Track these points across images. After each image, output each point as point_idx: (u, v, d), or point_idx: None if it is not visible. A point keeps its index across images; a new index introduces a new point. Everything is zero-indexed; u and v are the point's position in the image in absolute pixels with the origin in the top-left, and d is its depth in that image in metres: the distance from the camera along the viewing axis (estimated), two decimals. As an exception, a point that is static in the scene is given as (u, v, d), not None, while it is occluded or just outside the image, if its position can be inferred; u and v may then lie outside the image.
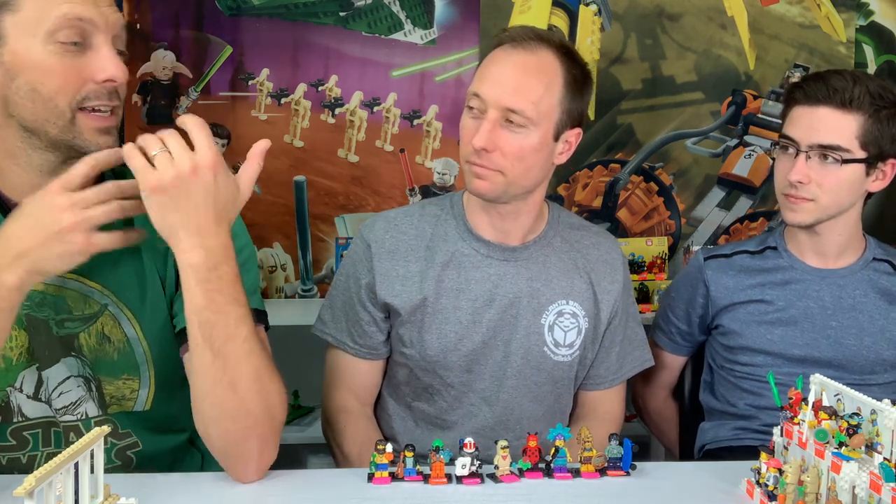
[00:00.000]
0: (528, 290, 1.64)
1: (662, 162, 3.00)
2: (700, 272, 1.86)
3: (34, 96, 1.20)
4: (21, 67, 1.19)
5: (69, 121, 1.21)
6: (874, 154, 1.68)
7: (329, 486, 1.28)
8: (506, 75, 1.52)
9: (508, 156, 1.52)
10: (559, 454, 1.31)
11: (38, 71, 1.19)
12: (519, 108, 1.50)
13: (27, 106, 1.20)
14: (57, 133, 1.22)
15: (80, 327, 1.30)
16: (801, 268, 1.79)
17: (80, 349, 1.30)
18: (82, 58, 1.21)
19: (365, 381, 1.70)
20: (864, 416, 1.15)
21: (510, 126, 1.51)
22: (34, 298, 1.27)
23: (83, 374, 1.31)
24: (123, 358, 1.32)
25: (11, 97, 1.20)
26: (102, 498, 1.00)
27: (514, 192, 1.56)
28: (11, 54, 1.18)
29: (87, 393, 1.32)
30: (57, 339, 1.29)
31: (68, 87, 1.20)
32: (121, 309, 1.31)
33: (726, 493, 1.27)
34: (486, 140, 1.50)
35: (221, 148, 2.85)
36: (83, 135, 1.23)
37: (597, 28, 2.94)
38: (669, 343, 1.94)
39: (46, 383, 1.30)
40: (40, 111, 1.20)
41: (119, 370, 1.32)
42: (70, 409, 1.32)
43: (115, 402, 1.33)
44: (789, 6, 2.98)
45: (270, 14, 2.84)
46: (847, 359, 1.75)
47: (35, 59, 1.18)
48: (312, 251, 2.93)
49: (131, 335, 1.32)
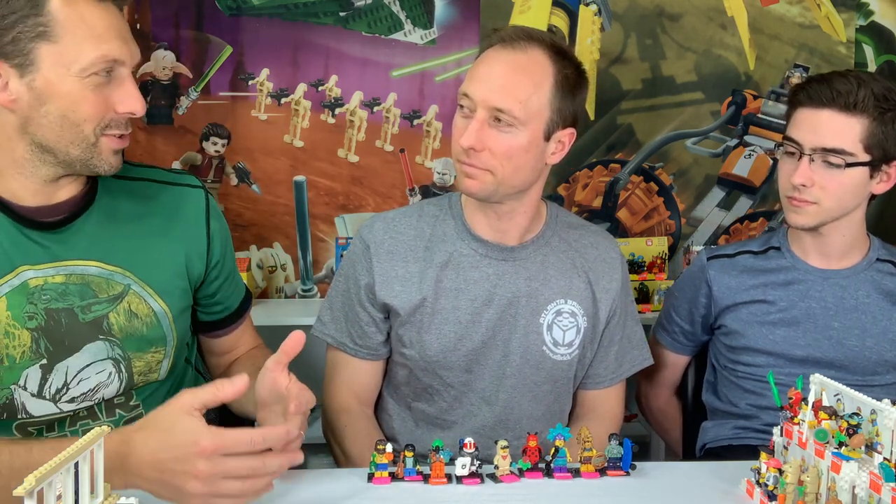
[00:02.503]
0: (526, 289, 1.64)
1: (662, 162, 3.00)
2: (703, 272, 1.86)
3: (63, 122, 1.25)
4: (52, 95, 1.23)
5: (92, 144, 1.28)
6: (878, 157, 1.67)
7: (329, 486, 1.28)
8: (493, 75, 1.52)
9: (497, 155, 1.51)
10: (559, 454, 1.31)
11: (70, 100, 1.24)
12: (506, 107, 1.49)
13: (53, 129, 1.25)
14: (79, 154, 1.28)
15: (108, 308, 1.35)
16: (804, 268, 1.79)
17: (111, 329, 1.36)
18: (108, 88, 1.27)
19: (365, 382, 1.70)
20: (864, 416, 1.15)
21: (498, 125, 1.51)
22: (56, 290, 1.32)
23: (112, 356, 1.36)
24: (152, 331, 1.40)
25: (37, 119, 1.25)
26: (102, 498, 1.00)
27: (504, 191, 1.56)
28: (44, 81, 1.23)
29: (117, 373, 1.37)
30: (84, 326, 1.34)
31: (96, 115, 1.26)
32: (143, 287, 1.38)
33: (726, 492, 1.27)
34: (473, 139, 1.50)
35: (221, 148, 2.86)
36: (102, 155, 1.29)
37: (597, 28, 2.94)
38: (672, 342, 1.94)
39: (54, 377, 1.32)
40: (66, 135, 1.26)
41: (149, 344, 1.40)
42: (88, 396, 1.35)
43: (143, 375, 1.41)
44: (789, 6, 2.98)
45: (270, 14, 2.84)
46: (849, 360, 1.74)
47: (67, 89, 1.23)
48: (312, 251, 2.93)
49: (157, 309, 1.40)
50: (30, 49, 1.21)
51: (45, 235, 1.31)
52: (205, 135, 2.85)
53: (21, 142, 1.27)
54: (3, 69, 1.22)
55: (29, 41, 1.21)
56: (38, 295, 1.30)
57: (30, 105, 1.24)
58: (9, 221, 1.29)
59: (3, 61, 1.22)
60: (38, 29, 1.20)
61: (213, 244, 1.49)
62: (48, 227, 1.31)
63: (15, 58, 1.21)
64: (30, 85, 1.22)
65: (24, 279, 1.30)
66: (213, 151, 2.86)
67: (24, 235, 1.30)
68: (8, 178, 1.29)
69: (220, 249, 1.50)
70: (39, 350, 1.31)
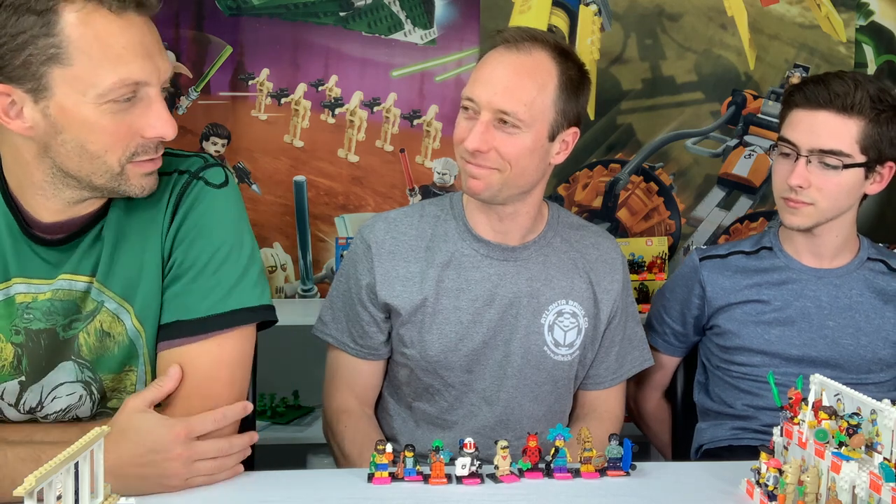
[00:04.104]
0: (527, 289, 1.64)
1: (662, 162, 3.00)
2: (696, 273, 1.86)
3: (81, 153, 1.15)
4: (68, 123, 1.13)
5: (118, 174, 1.18)
6: (874, 158, 1.68)
7: (329, 486, 1.28)
8: (498, 77, 1.52)
9: (503, 156, 1.52)
10: (559, 454, 1.31)
11: (87, 129, 1.14)
12: (511, 109, 1.50)
13: (73, 159, 1.16)
14: (104, 183, 1.19)
15: (81, 326, 1.28)
16: (798, 267, 1.79)
17: (80, 350, 1.28)
18: (133, 112, 1.16)
19: (365, 382, 1.70)
20: (864, 416, 1.15)
21: (503, 127, 1.51)
22: (41, 308, 1.25)
23: (81, 378, 1.29)
24: (124, 351, 1.30)
25: (56, 148, 1.15)
26: (102, 498, 1.00)
27: (509, 192, 1.56)
28: (58, 109, 1.13)
29: (87, 395, 1.30)
30: (62, 343, 1.28)
31: (118, 145, 1.16)
32: (119, 303, 1.28)
33: (726, 493, 1.27)
34: (479, 142, 1.50)
35: (221, 148, 2.85)
36: (130, 181, 1.20)
37: (597, 28, 2.94)
38: (663, 344, 1.94)
39: (29, 395, 1.28)
40: (87, 166, 1.17)
41: (121, 364, 1.31)
42: (60, 416, 1.31)
43: (116, 392, 1.33)
44: (789, 6, 2.98)
45: (270, 14, 2.84)
46: (844, 358, 1.75)
47: (84, 117, 1.13)
48: (312, 251, 2.93)
49: (130, 327, 1.29)
50: (42, 73, 1.11)
51: (49, 251, 1.24)
52: (205, 135, 2.85)
53: (41, 166, 1.18)
54: (16, 94, 1.12)
55: (41, 64, 1.10)
56: (21, 312, 1.24)
57: (46, 132, 1.14)
58: (18, 231, 1.23)
59: (15, 86, 1.12)
60: (50, 51, 1.10)
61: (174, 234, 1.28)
62: (56, 244, 1.24)
63: (28, 82, 1.11)
64: (44, 112, 1.13)
65: (13, 293, 1.24)
66: (213, 151, 2.86)
67: (29, 247, 1.23)
68: (30, 198, 1.22)
69: (185, 245, 1.28)
70: (20, 367, 1.26)
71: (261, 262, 1.35)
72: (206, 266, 1.28)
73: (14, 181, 1.23)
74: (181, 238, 1.28)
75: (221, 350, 1.27)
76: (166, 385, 1.23)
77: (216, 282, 1.28)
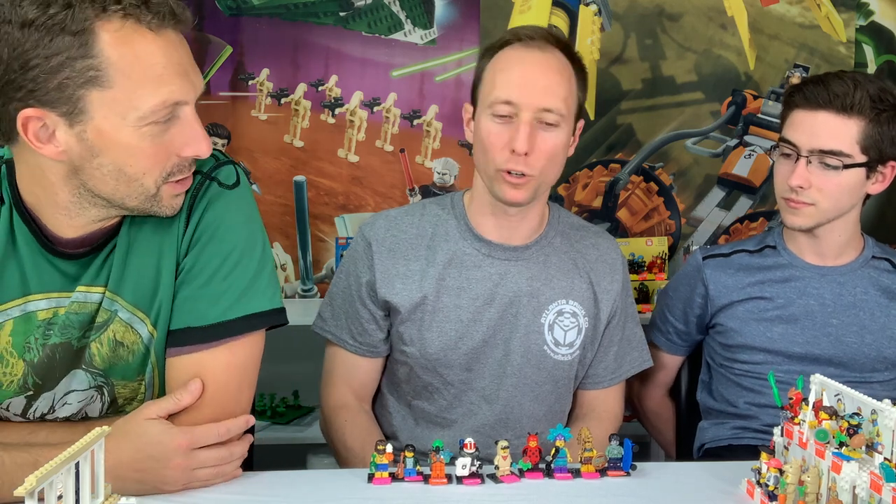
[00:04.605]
0: (528, 289, 1.64)
1: (662, 162, 3.00)
2: (699, 271, 1.86)
3: (119, 175, 1.13)
4: (106, 147, 1.10)
5: (153, 195, 1.16)
6: (874, 157, 1.68)
7: (329, 486, 1.28)
8: (533, 76, 1.54)
9: (543, 155, 1.54)
10: (559, 454, 1.31)
11: (127, 152, 1.11)
12: (554, 106, 1.52)
13: (108, 182, 1.13)
14: (137, 204, 1.17)
15: (94, 335, 1.26)
16: (801, 265, 1.79)
17: (91, 360, 1.26)
18: (170, 132, 1.14)
19: (363, 379, 1.71)
20: (865, 416, 1.15)
21: (543, 126, 1.53)
22: (59, 322, 1.23)
23: (94, 384, 1.28)
24: (139, 359, 1.29)
25: (90, 171, 1.12)
26: (103, 498, 1.00)
27: (540, 192, 1.59)
28: (96, 132, 1.09)
29: (99, 396, 1.30)
30: (74, 353, 1.26)
31: (157, 167, 1.14)
32: (132, 312, 1.26)
33: (726, 493, 1.27)
34: (528, 144, 1.51)
35: (221, 148, 2.85)
36: (163, 202, 1.18)
37: (597, 28, 2.94)
38: (667, 343, 1.94)
39: (39, 404, 1.27)
40: (122, 188, 1.14)
41: (136, 372, 1.30)
42: (72, 418, 1.30)
43: (125, 399, 1.32)
44: (789, 6, 2.98)
45: (270, 14, 2.84)
46: (848, 357, 1.74)
47: (124, 140, 1.10)
48: (312, 251, 2.93)
49: (146, 335, 1.27)
50: (79, 96, 1.06)
51: (69, 263, 1.22)
52: (205, 135, 2.85)
53: (66, 186, 1.14)
54: (49, 118, 1.08)
55: (78, 87, 1.06)
56: (42, 329, 1.22)
57: (81, 156, 1.10)
58: (37, 246, 1.20)
59: (48, 110, 1.07)
60: (89, 74, 1.05)
61: (190, 238, 1.26)
62: (76, 256, 1.22)
63: (62, 106, 1.07)
64: (80, 136, 1.09)
65: (33, 310, 1.21)
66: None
67: (48, 262, 1.21)
68: (48, 214, 1.19)
69: (197, 249, 1.27)
70: (27, 385, 1.24)
71: (272, 262, 1.34)
72: (217, 271, 1.26)
73: (32, 199, 1.19)
74: (195, 242, 1.27)
75: (233, 356, 1.26)
76: (184, 400, 1.22)
77: (227, 286, 1.26)
